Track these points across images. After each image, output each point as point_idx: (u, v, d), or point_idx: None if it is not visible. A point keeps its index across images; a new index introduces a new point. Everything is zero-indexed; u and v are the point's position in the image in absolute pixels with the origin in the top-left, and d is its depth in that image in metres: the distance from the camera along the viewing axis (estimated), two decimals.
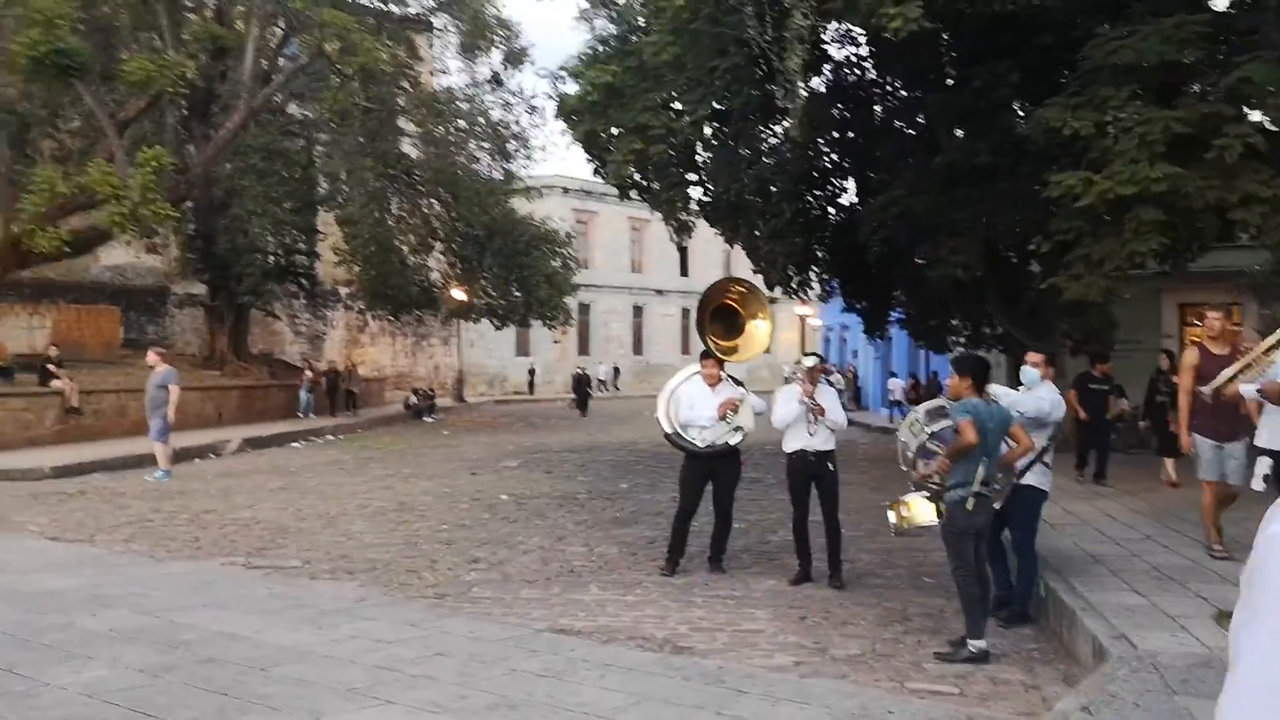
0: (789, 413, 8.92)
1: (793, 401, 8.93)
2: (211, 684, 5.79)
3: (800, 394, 8.90)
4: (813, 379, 9.02)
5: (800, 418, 8.89)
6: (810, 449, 8.94)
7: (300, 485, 15.96)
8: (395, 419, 32.57)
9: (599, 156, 19.15)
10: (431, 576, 9.20)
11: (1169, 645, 6.08)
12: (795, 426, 8.94)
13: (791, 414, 8.91)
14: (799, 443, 8.97)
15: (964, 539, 6.92)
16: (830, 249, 22.11)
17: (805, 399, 8.86)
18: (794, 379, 9.23)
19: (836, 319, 41.36)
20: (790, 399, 8.98)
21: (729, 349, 9.64)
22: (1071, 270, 12.47)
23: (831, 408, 9.00)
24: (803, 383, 8.99)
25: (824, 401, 8.95)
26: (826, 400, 9.03)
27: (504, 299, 34.11)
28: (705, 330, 9.59)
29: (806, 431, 8.90)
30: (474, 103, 33.25)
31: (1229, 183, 11.73)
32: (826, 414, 8.89)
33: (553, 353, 50.16)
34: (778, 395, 9.33)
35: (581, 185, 51.85)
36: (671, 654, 6.87)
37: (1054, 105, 12.46)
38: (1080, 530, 10.32)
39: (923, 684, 6.34)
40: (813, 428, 8.87)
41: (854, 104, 20.65)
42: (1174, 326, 24.01)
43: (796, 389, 9.05)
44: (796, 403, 8.89)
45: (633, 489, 15.65)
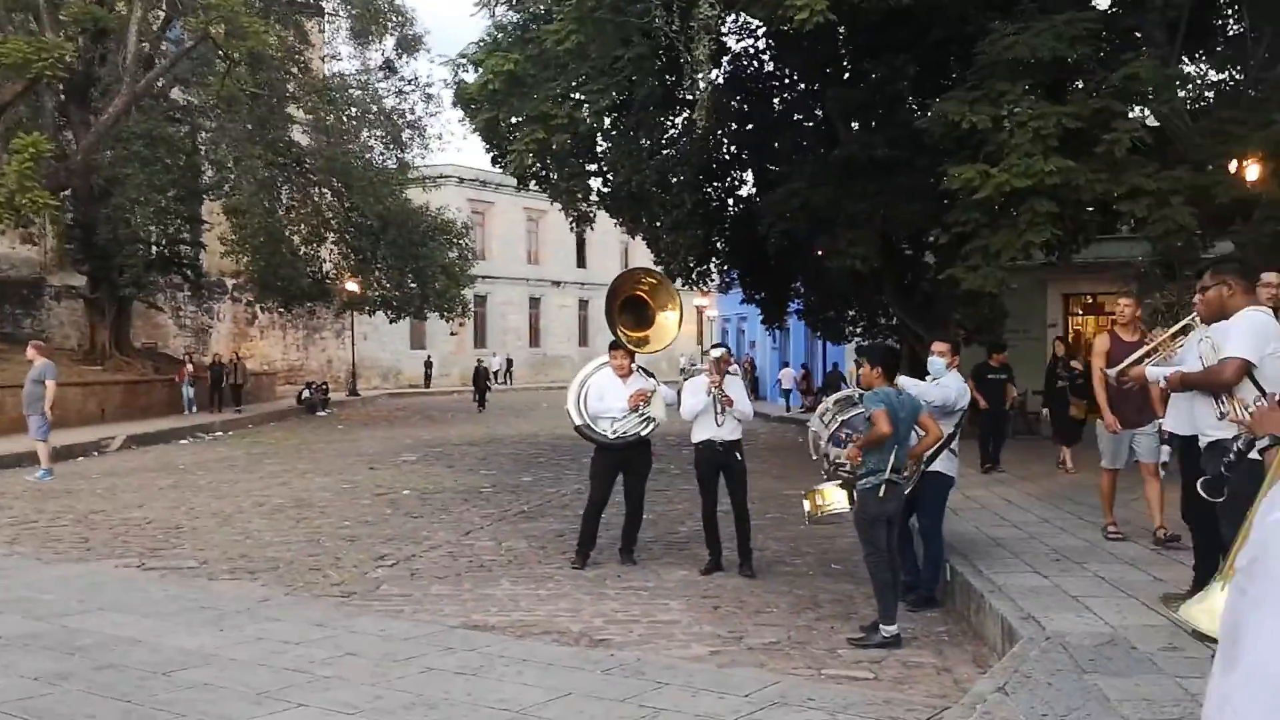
0: (697, 403, 8.93)
1: (700, 392, 8.93)
2: (113, 691, 5.55)
3: (708, 385, 8.91)
4: (720, 370, 9.03)
5: (708, 408, 8.89)
6: (718, 439, 8.95)
7: (191, 483, 15.48)
8: (288, 414, 31.83)
9: (499, 146, 18.94)
10: (336, 574, 8.98)
11: (1075, 625, 6.23)
12: (703, 417, 8.94)
13: (700, 405, 8.91)
14: (707, 433, 8.97)
15: (876, 526, 6.99)
16: (730, 240, 22.26)
17: (713, 389, 8.87)
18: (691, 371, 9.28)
19: (734, 310, 41.71)
20: (698, 390, 8.98)
21: (639, 340, 9.60)
22: (969, 261, 12.73)
23: (739, 398, 9.02)
24: (710, 373, 8.99)
25: (731, 392, 8.97)
26: (734, 391, 9.05)
27: (399, 291, 33.57)
28: (615, 321, 9.54)
29: (714, 422, 8.91)
30: (367, 90, 32.65)
31: (1117, 176, 12.10)
32: (735, 405, 8.91)
33: (449, 345, 49.59)
34: (685, 386, 9.33)
35: (477, 175, 51.32)
36: (588, 647, 6.81)
37: (952, 99, 12.71)
38: (980, 515, 10.55)
39: (838, 670, 6.40)
40: (720, 418, 8.88)
41: (752, 96, 20.81)
42: (1059, 316, 24.79)
43: (704, 380, 9.05)
44: (704, 394, 8.89)
45: (536, 482, 15.54)
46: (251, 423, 28.59)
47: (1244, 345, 5.50)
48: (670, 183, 19.78)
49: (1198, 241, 13.45)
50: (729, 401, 8.87)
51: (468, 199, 50.71)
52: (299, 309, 35.40)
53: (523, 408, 35.99)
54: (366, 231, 31.87)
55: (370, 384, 45.94)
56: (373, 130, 32.07)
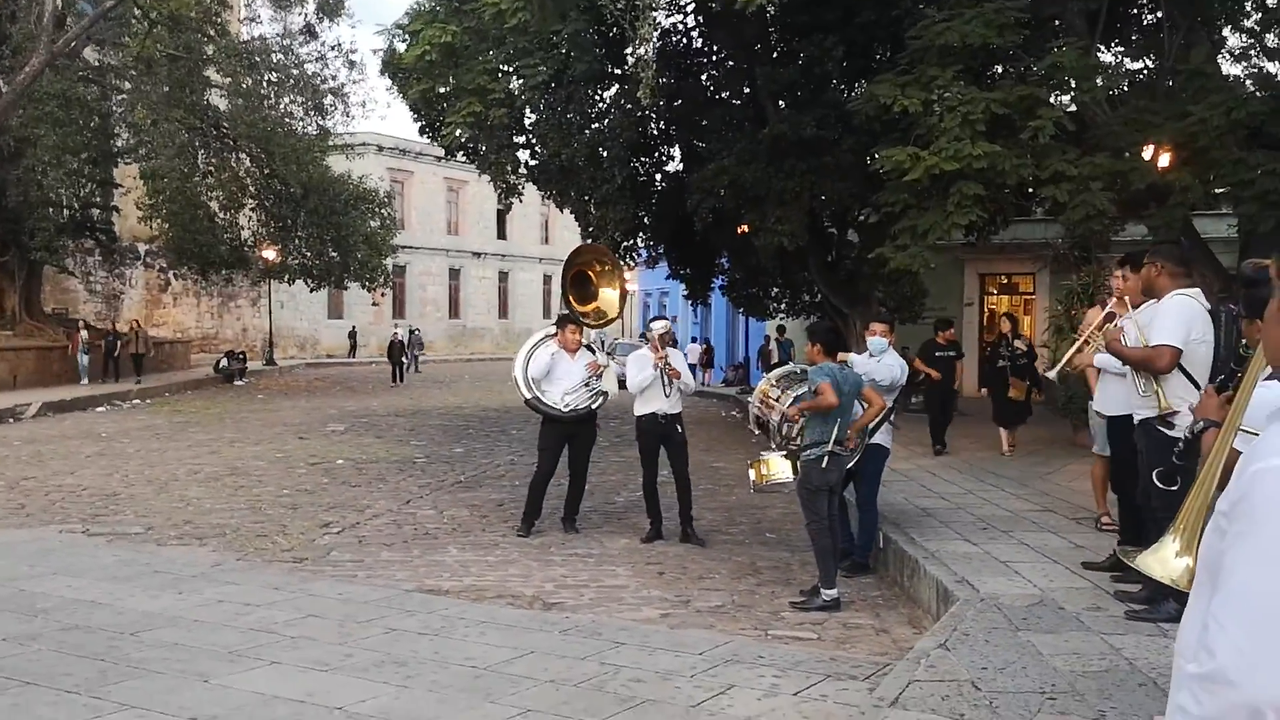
0: (645, 378, 9.16)
1: (647, 367, 9.16)
2: (84, 650, 5.63)
3: (653, 359, 9.15)
4: (664, 343, 9.27)
5: (655, 382, 9.13)
6: (662, 412, 9.21)
7: (118, 451, 15.31)
8: (204, 382, 31.34)
9: (431, 118, 18.90)
10: (285, 541, 9.07)
11: (1007, 588, 6.63)
12: (651, 390, 9.18)
13: (647, 379, 9.14)
14: (653, 406, 9.21)
15: (818, 495, 7.31)
16: (657, 215, 22.46)
17: (659, 363, 9.11)
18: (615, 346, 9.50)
19: (656, 285, 41.97)
20: (644, 364, 9.21)
21: (587, 314, 9.78)
22: (897, 241, 13.12)
23: (683, 370, 9.29)
24: (654, 347, 9.23)
25: (676, 365, 9.23)
26: (677, 363, 9.31)
27: (319, 259, 33.19)
28: (568, 295, 9.72)
29: (662, 394, 9.16)
30: (288, 55, 32.08)
31: (1040, 161, 12.56)
32: (680, 377, 9.17)
33: (368, 315, 49.12)
34: (629, 360, 9.56)
35: (397, 144, 50.75)
36: (543, 610, 7.04)
37: (884, 82, 13.05)
38: (908, 486, 10.98)
39: (784, 631, 6.72)
40: (668, 390, 9.14)
41: (681, 73, 20.97)
42: (976, 294, 25.52)
43: (648, 354, 9.29)
44: (650, 368, 9.13)
45: (469, 453, 15.66)
46: (168, 391, 28.14)
47: (1174, 333, 5.88)
48: (600, 157, 19.89)
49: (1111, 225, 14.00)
50: (675, 374, 9.12)
51: (388, 168, 50.13)
52: (215, 276, 34.78)
53: (446, 379, 35.92)
54: (287, 199, 31.40)
55: (287, 354, 45.35)
56: (294, 96, 31.54)
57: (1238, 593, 1.44)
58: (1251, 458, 1.54)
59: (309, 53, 31.89)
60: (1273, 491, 1.42)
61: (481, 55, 15.28)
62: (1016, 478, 11.51)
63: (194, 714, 4.76)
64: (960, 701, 4.63)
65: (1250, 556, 1.43)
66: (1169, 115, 12.78)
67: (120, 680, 5.20)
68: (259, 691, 5.06)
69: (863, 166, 16.53)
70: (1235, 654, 1.39)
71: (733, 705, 5.02)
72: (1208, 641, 1.43)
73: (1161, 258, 6.04)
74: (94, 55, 30.47)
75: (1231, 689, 1.39)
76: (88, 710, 4.78)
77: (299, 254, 33.26)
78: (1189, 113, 12.23)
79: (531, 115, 20.01)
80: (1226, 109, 12.28)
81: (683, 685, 5.30)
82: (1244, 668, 1.38)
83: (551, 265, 56.35)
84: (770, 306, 25.60)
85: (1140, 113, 13.26)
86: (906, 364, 9.06)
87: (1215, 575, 1.52)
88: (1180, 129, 12.24)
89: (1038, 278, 23.94)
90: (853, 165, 16.87)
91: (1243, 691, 1.38)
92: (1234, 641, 1.40)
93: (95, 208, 33.03)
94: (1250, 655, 1.38)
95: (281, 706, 4.88)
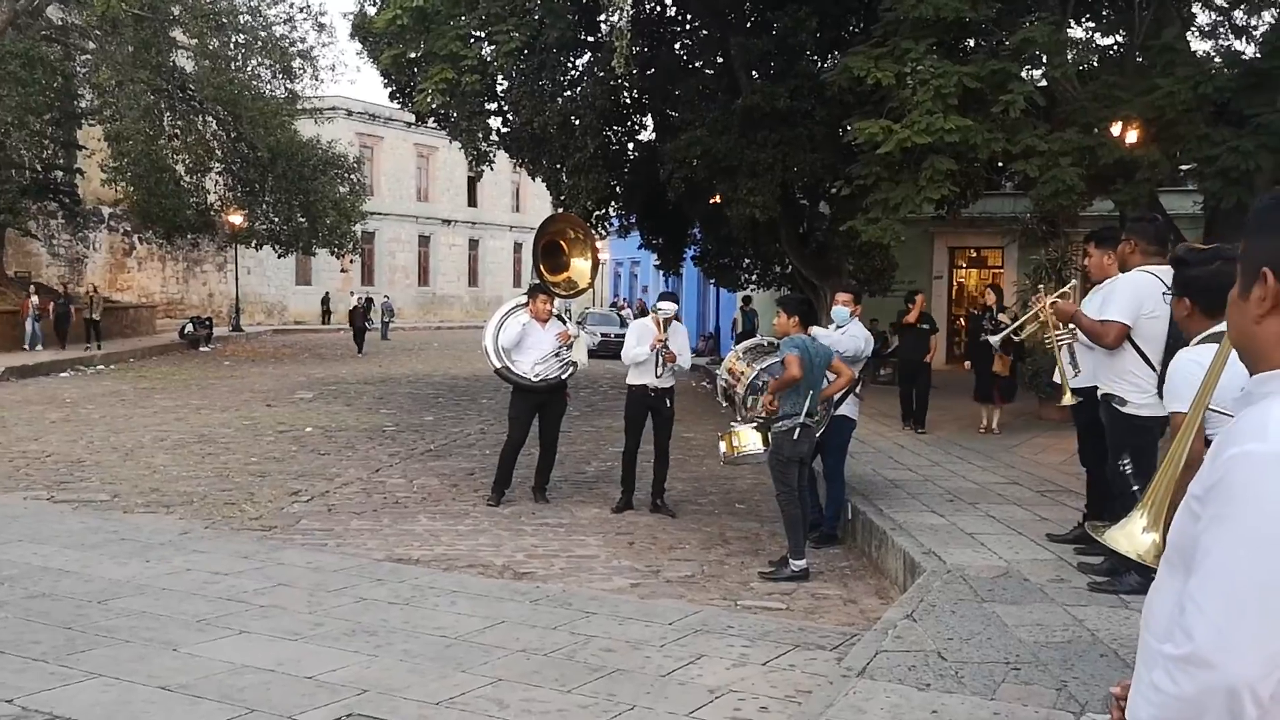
0: (640, 353, 9.17)
1: (645, 341, 9.14)
2: (51, 618, 5.61)
3: (653, 338, 9.11)
4: (666, 325, 9.23)
5: (650, 360, 9.13)
6: (653, 385, 9.23)
7: (83, 417, 15.18)
8: (169, 348, 31.02)
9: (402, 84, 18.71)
10: (253, 509, 9.04)
11: (973, 560, 6.71)
12: (644, 365, 9.19)
13: (642, 355, 9.15)
14: (643, 378, 9.23)
15: (789, 466, 7.36)
16: (629, 185, 22.39)
17: (656, 345, 9.07)
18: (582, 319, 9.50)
19: (628, 254, 41.90)
20: (644, 337, 9.20)
21: (558, 283, 9.76)
22: (869, 214, 13.15)
23: (682, 351, 9.27)
24: (656, 326, 9.19)
25: (675, 345, 9.22)
26: (679, 341, 9.31)
27: (287, 225, 32.85)
28: (539, 265, 9.68)
29: (654, 373, 9.17)
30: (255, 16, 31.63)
31: (1011, 136, 12.61)
32: (678, 360, 9.17)
33: (336, 282, 48.73)
34: (632, 327, 9.63)
35: (366, 108, 50.20)
36: (513, 579, 7.07)
37: (858, 54, 13.04)
38: (876, 458, 11.07)
39: (753, 601, 6.78)
40: (660, 370, 9.14)
41: (655, 41, 20.86)
42: (945, 268, 25.65)
43: (650, 326, 9.28)
44: (648, 347, 9.11)
45: (439, 421, 15.63)
46: (133, 357, 27.86)
47: (1124, 309, 5.98)
48: (572, 125, 19.77)
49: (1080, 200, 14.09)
50: (671, 358, 9.13)
51: (357, 133, 49.60)
52: (181, 241, 34.37)
53: (415, 347, 35.78)
54: (254, 163, 31.01)
55: (254, 320, 44.97)
56: (261, 59, 31.11)
57: (1215, 575, 1.47)
58: (1226, 442, 1.56)
59: (277, 14, 31.45)
60: (1248, 476, 1.44)
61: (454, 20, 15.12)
62: (983, 451, 11.63)
63: (163, 682, 4.76)
64: (926, 671, 4.70)
65: (1228, 540, 1.46)
66: (1138, 91, 12.86)
67: (88, 648, 5.18)
68: (228, 660, 5.06)
69: (835, 139, 16.52)
70: (1213, 636, 1.42)
71: (702, 675, 5.07)
72: (1185, 624, 1.46)
73: (1136, 234, 6.09)
74: (57, 14, 29.94)
75: (1209, 671, 1.42)
76: (55, 678, 4.77)
77: (266, 219, 32.87)
78: (1157, 87, 12.30)
79: (504, 82, 19.84)
80: (1194, 84, 12.37)
81: (653, 655, 5.35)
82: (1222, 649, 1.41)
83: (522, 233, 56.09)
84: (742, 277, 25.64)
85: (1110, 88, 13.34)
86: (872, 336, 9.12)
87: (1189, 558, 1.54)
88: (1148, 103, 12.32)
89: (1006, 251, 24.08)
90: (825, 137, 16.86)
91: (1220, 673, 1.41)
92: (1212, 624, 1.42)
93: (58, 170, 32.54)
94: (1228, 637, 1.41)
95: (251, 675, 4.88)
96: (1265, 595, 1.41)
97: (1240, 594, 1.43)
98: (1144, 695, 1.54)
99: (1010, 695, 4.42)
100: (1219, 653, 1.41)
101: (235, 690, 4.68)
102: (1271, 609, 1.40)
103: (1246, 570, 1.43)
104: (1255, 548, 1.42)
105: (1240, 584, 1.44)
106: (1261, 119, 12.11)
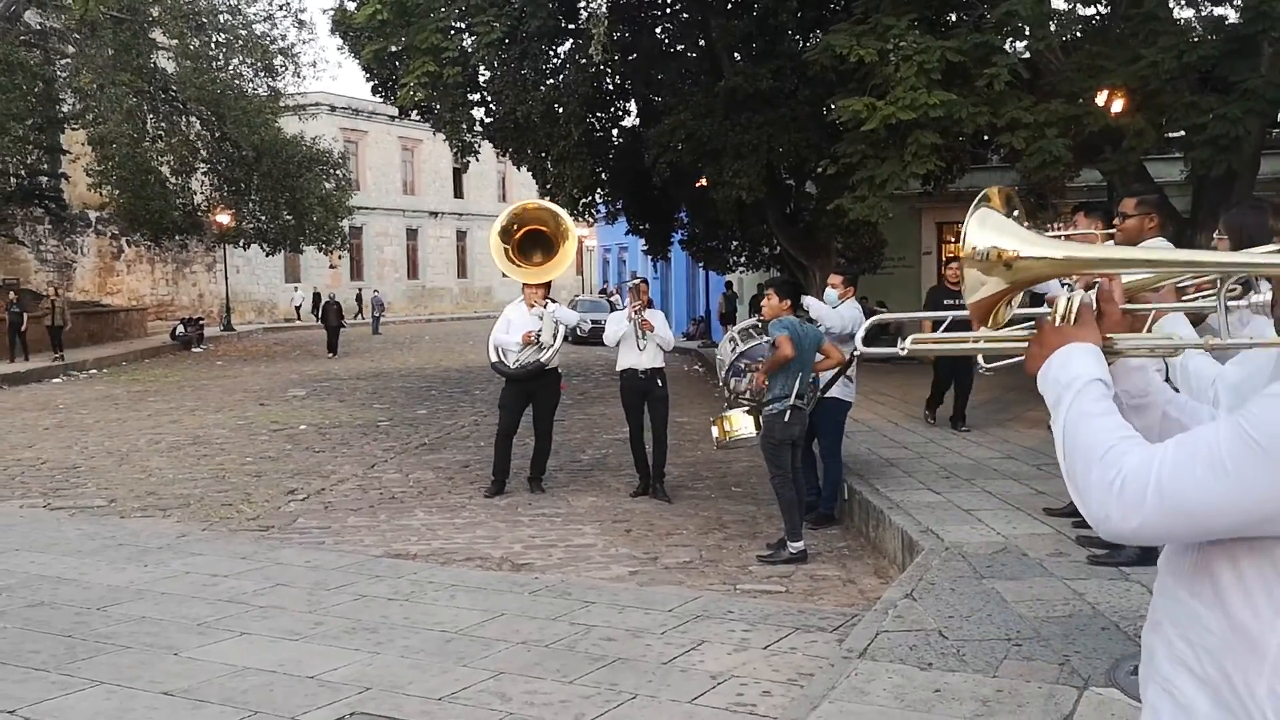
0: (619, 329, 9.32)
1: (623, 319, 9.29)
2: (51, 627, 5.60)
3: (628, 311, 9.29)
4: (639, 295, 9.41)
5: (629, 335, 9.22)
6: (640, 367, 9.30)
7: (77, 422, 15.14)
8: (161, 350, 30.94)
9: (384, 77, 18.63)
10: (250, 509, 9.03)
11: (970, 536, 6.72)
12: (626, 344, 9.30)
13: (620, 329, 9.28)
14: (629, 360, 9.34)
15: (782, 449, 7.36)
16: (614, 171, 22.34)
17: (632, 315, 9.22)
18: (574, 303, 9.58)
19: (615, 240, 41.82)
20: (621, 317, 9.38)
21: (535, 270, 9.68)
22: (856, 192, 13.13)
23: (659, 325, 9.33)
24: (631, 300, 9.42)
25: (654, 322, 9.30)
26: (656, 322, 9.38)
27: (274, 223, 32.74)
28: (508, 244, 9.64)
29: (636, 347, 9.24)
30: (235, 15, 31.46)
31: (996, 109, 12.58)
32: (655, 330, 9.22)
33: (325, 278, 48.60)
34: (610, 319, 9.77)
35: (349, 103, 50.00)
36: (512, 571, 7.07)
37: (839, 33, 12.99)
38: (871, 436, 11.07)
39: (752, 585, 6.79)
40: (642, 343, 9.21)
41: (636, 26, 20.79)
42: (934, 243, 25.62)
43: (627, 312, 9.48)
44: (625, 320, 9.26)
45: (433, 415, 15.60)
46: (125, 360, 27.78)
47: None
48: (556, 113, 19.70)
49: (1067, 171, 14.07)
50: (648, 325, 9.18)
51: (341, 128, 49.37)
52: (169, 242, 34.27)
53: (406, 340, 35.72)
54: (239, 162, 30.90)
55: (245, 319, 44.86)
56: (243, 57, 30.95)
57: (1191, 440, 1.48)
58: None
59: (257, 13, 31.29)
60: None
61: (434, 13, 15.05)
62: (977, 426, 11.63)
63: (165, 688, 4.75)
64: (928, 651, 4.70)
65: (1229, 433, 1.45)
66: (1122, 60, 12.81)
67: (89, 656, 5.17)
68: (230, 663, 5.06)
69: (819, 118, 16.49)
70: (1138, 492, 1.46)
71: (704, 661, 5.07)
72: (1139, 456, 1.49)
73: (1152, 207, 5.97)
74: (36, 19, 29.73)
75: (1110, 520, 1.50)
76: (57, 687, 4.76)
77: (253, 218, 32.77)
78: (1141, 56, 12.26)
79: (486, 73, 19.77)
80: (1178, 52, 12.32)
81: (653, 642, 5.35)
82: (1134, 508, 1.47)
83: None
84: (730, 260, 25.61)
85: (1093, 58, 13.28)
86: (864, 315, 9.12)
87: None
88: (1132, 73, 12.28)
89: None
90: (809, 116, 16.83)
91: (1114, 525, 1.50)
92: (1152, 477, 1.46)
93: (43, 175, 32.38)
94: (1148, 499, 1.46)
95: (253, 677, 4.87)
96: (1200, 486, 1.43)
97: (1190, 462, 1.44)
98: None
99: (1013, 672, 4.43)
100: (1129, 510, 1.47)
101: (238, 693, 4.68)
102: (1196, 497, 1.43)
103: (1208, 454, 1.44)
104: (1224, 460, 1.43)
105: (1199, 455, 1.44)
106: (1248, 84, 12.09)
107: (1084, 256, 1.82)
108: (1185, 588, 1.57)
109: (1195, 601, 1.55)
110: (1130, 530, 1.49)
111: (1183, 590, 1.58)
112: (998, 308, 1.75)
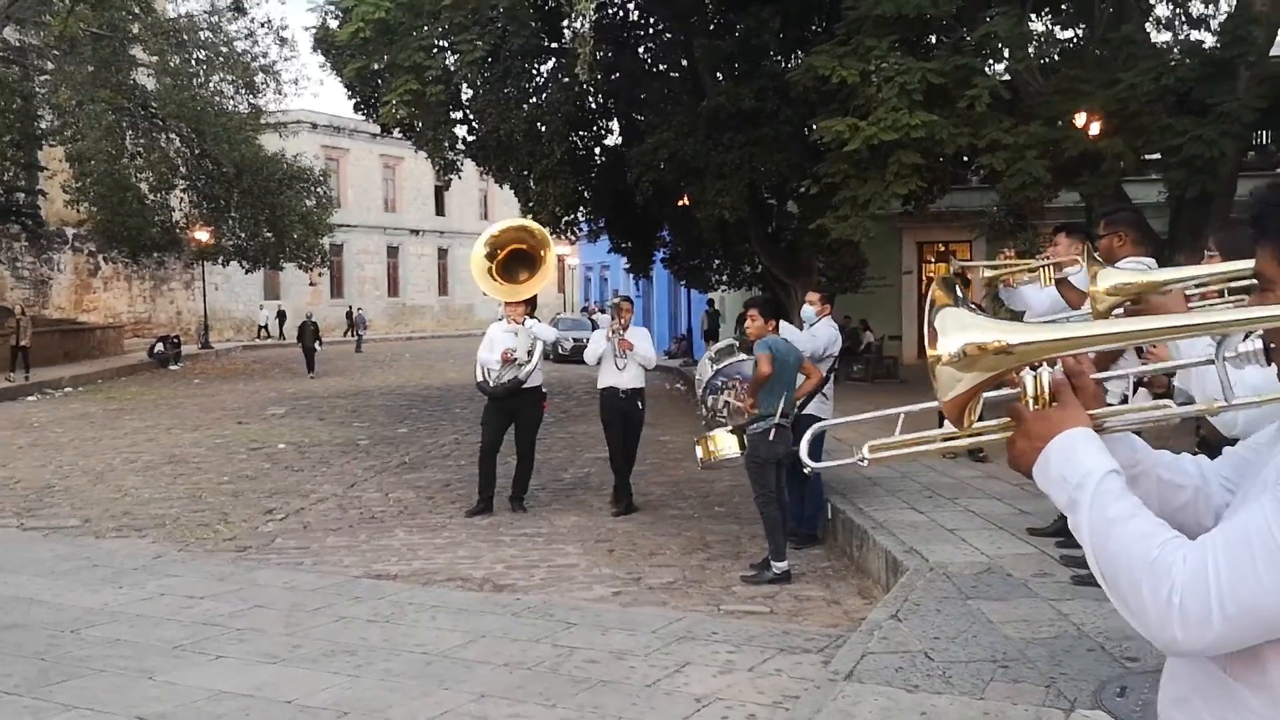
0: (599, 347, 9.34)
1: (603, 338, 9.30)
2: (24, 650, 5.50)
3: (608, 330, 9.29)
4: (619, 314, 9.39)
5: (608, 353, 9.20)
6: (620, 386, 9.29)
7: (51, 441, 14.97)
8: (139, 368, 30.70)
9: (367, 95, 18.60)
10: (227, 529, 8.93)
11: (955, 556, 6.70)
12: (606, 362, 9.28)
13: (600, 349, 9.28)
14: (609, 379, 9.35)
15: (766, 468, 7.33)
16: (596, 189, 22.34)
17: (611, 334, 9.22)
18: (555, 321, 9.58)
19: (597, 259, 41.81)
20: (601, 336, 9.42)
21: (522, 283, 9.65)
22: (838, 211, 13.16)
23: (641, 344, 9.32)
24: (612, 318, 9.44)
25: (636, 341, 9.29)
26: (639, 341, 9.36)
27: (254, 240, 32.59)
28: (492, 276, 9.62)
29: (615, 366, 9.21)
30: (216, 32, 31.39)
31: (977, 130, 12.65)
32: (635, 349, 9.21)
33: (305, 295, 48.39)
34: (592, 338, 9.78)
35: (331, 121, 49.92)
36: (493, 592, 7.00)
37: (821, 53, 13.05)
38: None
39: (736, 605, 6.74)
40: (621, 362, 9.19)
41: (619, 45, 20.84)
42: (914, 263, 25.72)
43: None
44: (604, 339, 9.26)
45: (413, 433, 15.51)
46: (102, 378, 27.54)
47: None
48: (538, 132, 19.72)
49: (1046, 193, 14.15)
50: (627, 345, 9.16)
51: (322, 145, 49.28)
52: (146, 259, 34.08)
53: (386, 358, 35.57)
54: (219, 179, 30.77)
55: (223, 336, 44.62)
56: (224, 74, 30.86)
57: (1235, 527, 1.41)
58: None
59: (238, 30, 31.19)
60: None
61: (417, 31, 15.04)
62: None
63: (140, 712, 4.66)
64: (914, 673, 4.67)
65: (1276, 515, 1.38)
66: (1100, 83, 12.92)
67: (63, 680, 5.08)
68: (206, 687, 4.97)
69: (801, 138, 16.53)
70: (1200, 596, 1.37)
71: (689, 683, 5.02)
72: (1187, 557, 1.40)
73: (1122, 226, 5.90)
74: (14, 35, 29.58)
75: (1169, 629, 1.39)
76: (29, 712, 4.67)
77: (233, 235, 32.62)
78: (1119, 79, 12.37)
79: (469, 91, 19.76)
80: (1155, 75, 12.43)
81: (637, 665, 5.30)
82: (1198, 622, 1.37)
83: None
84: (712, 278, 25.64)
85: (1072, 81, 13.39)
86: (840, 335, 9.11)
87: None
88: (1111, 95, 12.38)
89: (974, 245, 24.16)
90: (791, 136, 16.87)
91: (1179, 640, 1.39)
92: (1210, 581, 1.37)
93: (20, 192, 32.19)
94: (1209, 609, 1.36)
95: (230, 701, 4.79)
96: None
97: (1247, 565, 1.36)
98: None
99: (999, 694, 4.40)
100: (1190, 621, 1.37)
101: (214, 718, 4.60)
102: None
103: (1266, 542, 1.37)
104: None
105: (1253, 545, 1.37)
106: (1224, 107, 12.19)
107: (1080, 336, 1.64)
108: (1222, 666, 1.48)
109: (1239, 684, 1.46)
110: (1202, 648, 1.40)
111: (1217, 667, 1.48)
112: (972, 403, 1.64)
